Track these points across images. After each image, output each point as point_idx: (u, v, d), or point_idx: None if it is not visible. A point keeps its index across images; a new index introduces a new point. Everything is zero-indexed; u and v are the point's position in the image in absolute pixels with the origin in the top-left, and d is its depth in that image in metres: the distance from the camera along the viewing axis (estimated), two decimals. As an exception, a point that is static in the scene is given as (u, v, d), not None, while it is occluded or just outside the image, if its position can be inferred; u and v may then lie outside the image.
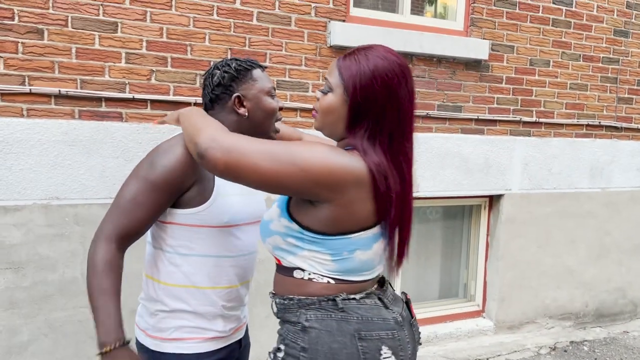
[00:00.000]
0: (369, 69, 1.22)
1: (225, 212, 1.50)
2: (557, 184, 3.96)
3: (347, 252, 1.24)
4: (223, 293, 1.54)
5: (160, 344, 1.51)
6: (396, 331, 1.25)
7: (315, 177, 1.17)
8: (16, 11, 2.43)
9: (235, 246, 1.55)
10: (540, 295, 4.00)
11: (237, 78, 1.53)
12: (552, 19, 3.78)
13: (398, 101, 1.23)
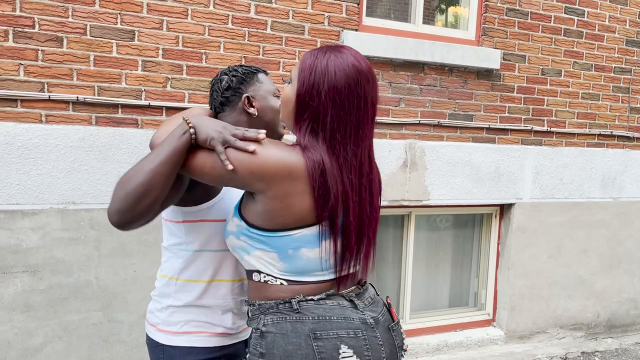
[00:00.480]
0: (321, 66, 1.24)
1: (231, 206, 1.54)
2: (568, 194, 3.95)
3: (291, 250, 1.25)
4: (235, 286, 1.59)
5: (171, 338, 1.56)
6: (361, 331, 1.23)
7: (247, 168, 1.20)
8: (37, 19, 2.49)
9: None
10: (551, 305, 3.98)
11: (245, 81, 1.61)
12: (564, 29, 3.80)
13: (343, 103, 1.23)
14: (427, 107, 3.45)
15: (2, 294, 2.50)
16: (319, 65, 1.24)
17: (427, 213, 3.73)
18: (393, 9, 3.63)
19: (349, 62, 1.24)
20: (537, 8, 3.69)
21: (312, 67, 1.24)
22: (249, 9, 2.90)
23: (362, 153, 1.28)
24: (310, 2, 3.04)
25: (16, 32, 2.46)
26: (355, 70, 1.24)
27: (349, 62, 1.24)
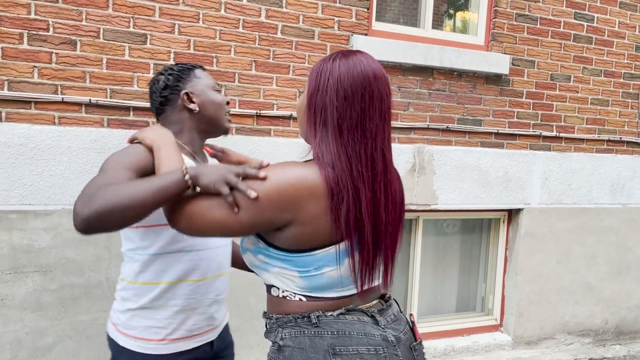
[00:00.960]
0: (327, 68, 1.24)
1: None
2: (577, 199, 3.94)
3: (314, 270, 1.21)
4: (195, 286, 1.58)
5: (128, 341, 1.56)
6: (382, 348, 1.19)
7: (268, 202, 1.14)
8: (51, 23, 2.52)
9: (200, 240, 1.58)
10: (559, 310, 3.97)
11: (182, 78, 1.61)
12: (574, 35, 3.80)
13: (347, 94, 1.21)
14: (436, 111, 3.46)
15: (14, 293, 2.52)
16: (325, 68, 1.25)
17: (434, 217, 3.73)
18: (402, 14, 3.65)
19: (355, 59, 1.24)
20: (547, 14, 3.69)
21: (319, 70, 1.25)
22: (260, 14, 2.93)
23: (372, 147, 1.23)
24: (321, 6, 3.06)
25: (31, 35, 2.49)
26: (360, 64, 1.24)
27: (355, 59, 1.24)
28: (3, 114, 2.47)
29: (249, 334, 3.05)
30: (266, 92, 2.99)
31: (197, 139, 1.64)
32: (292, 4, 2.99)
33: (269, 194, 1.15)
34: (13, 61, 2.47)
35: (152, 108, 1.66)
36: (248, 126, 2.96)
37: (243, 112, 2.93)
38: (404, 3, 3.71)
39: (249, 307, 3.03)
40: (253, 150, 2.96)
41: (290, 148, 3.05)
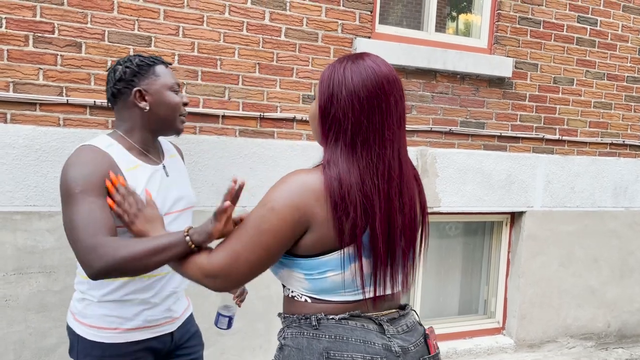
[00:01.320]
0: (339, 75, 1.21)
1: None
2: (580, 202, 3.94)
3: (317, 273, 1.21)
4: (151, 281, 1.60)
5: (85, 330, 1.58)
6: (380, 357, 1.17)
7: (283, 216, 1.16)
8: (56, 25, 2.54)
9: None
10: (561, 313, 3.97)
11: (139, 73, 1.57)
12: (577, 38, 3.80)
13: (363, 106, 1.19)
14: (439, 114, 3.46)
15: (18, 294, 2.54)
16: (336, 74, 1.22)
17: (437, 220, 3.74)
18: (406, 16, 3.66)
19: (366, 66, 1.21)
20: (550, 17, 3.70)
21: (330, 77, 1.23)
22: (264, 16, 2.94)
23: (390, 156, 1.21)
24: (324, 9, 3.07)
25: (36, 37, 2.51)
26: (373, 72, 1.21)
27: (366, 66, 1.21)
28: (8, 116, 2.48)
29: (252, 337, 3.06)
30: (270, 94, 3.00)
31: (149, 138, 1.64)
32: (296, 7, 3.00)
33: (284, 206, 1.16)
34: (18, 63, 2.49)
35: (106, 96, 1.65)
36: (251, 128, 2.97)
37: (246, 115, 2.94)
38: (408, 6, 3.72)
39: (252, 309, 3.04)
40: (256, 152, 2.97)
41: (294, 150, 3.06)
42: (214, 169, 2.89)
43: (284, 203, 1.16)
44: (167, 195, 1.63)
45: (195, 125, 2.84)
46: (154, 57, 1.63)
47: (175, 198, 1.66)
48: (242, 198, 2.94)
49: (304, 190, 1.17)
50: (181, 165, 1.82)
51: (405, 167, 1.25)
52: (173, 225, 1.63)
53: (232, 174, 2.93)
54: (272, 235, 1.17)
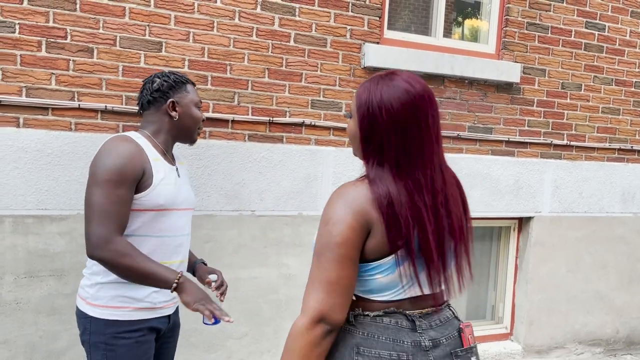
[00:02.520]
0: (376, 98, 1.27)
1: (162, 196, 1.79)
2: (588, 208, 3.93)
3: (367, 275, 1.28)
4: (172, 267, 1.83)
5: (97, 310, 1.77)
6: (407, 354, 1.24)
7: (350, 224, 1.22)
8: (69, 31, 2.57)
9: (172, 227, 1.84)
10: (569, 320, 3.95)
11: (174, 87, 1.88)
12: (585, 44, 3.80)
13: (404, 129, 1.25)
14: (447, 119, 3.47)
15: (29, 297, 2.55)
16: (373, 98, 1.27)
17: (445, 225, 3.73)
18: (414, 22, 3.68)
19: (402, 88, 1.27)
20: (558, 22, 3.70)
21: (368, 102, 1.28)
22: (273, 22, 2.96)
23: (432, 171, 1.28)
24: (333, 15, 3.09)
25: (49, 43, 2.53)
26: (409, 94, 1.26)
27: (402, 88, 1.27)
28: (21, 120, 2.51)
29: (260, 341, 3.06)
30: (279, 99, 3.01)
31: (170, 142, 1.93)
32: (305, 12, 3.02)
33: (349, 223, 1.22)
34: (31, 68, 2.51)
35: (139, 102, 1.91)
36: (260, 133, 2.99)
37: (256, 119, 2.96)
38: (416, 12, 3.74)
39: (259, 314, 3.05)
40: (265, 156, 2.99)
41: (302, 155, 3.07)
42: (223, 173, 2.90)
43: (345, 212, 1.22)
44: (178, 193, 1.87)
45: (205, 130, 2.86)
46: (185, 77, 1.94)
47: (183, 197, 1.91)
48: (251, 202, 2.96)
49: (359, 197, 1.24)
50: (187, 172, 2.10)
51: (447, 177, 1.34)
52: (180, 220, 1.88)
53: (242, 178, 2.95)
54: (349, 244, 1.22)
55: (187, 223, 1.94)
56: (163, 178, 1.81)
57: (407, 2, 3.70)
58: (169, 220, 1.83)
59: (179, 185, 1.89)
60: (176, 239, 1.87)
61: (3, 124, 2.48)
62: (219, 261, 2.93)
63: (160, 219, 1.81)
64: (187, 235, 1.95)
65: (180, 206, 1.87)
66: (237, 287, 2.97)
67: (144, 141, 1.82)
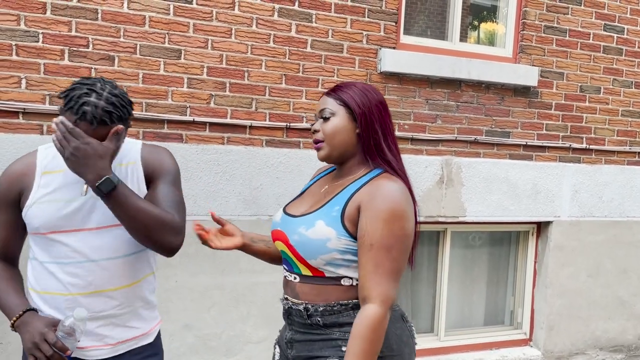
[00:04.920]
0: (359, 90, 1.46)
1: (37, 218, 1.47)
2: (608, 212, 3.89)
3: None
4: (60, 300, 1.48)
5: None
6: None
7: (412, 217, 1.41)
8: (91, 39, 2.62)
9: (61, 252, 1.47)
10: (590, 325, 3.90)
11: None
12: (603, 46, 3.77)
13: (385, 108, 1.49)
14: (464, 123, 3.46)
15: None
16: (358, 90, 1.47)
17: (463, 229, 3.72)
18: (430, 27, 3.68)
19: (370, 85, 1.53)
20: (576, 25, 3.68)
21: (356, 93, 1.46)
22: (290, 29, 2.99)
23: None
24: (350, 21, 3.11)
25: (71, 52, 2.59)
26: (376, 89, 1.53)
27: (370, 85, 1.53)
28: (44, 128, 2.57)
29: (277, 344, 3.08)
30: (296, 105, 3.04)
31: None
32: (321, 19, 3.04)
33: (411, 216, 1.40)
34: (54, 76, 2.57)
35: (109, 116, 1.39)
36: (278, 138, 3.01)
37: (273, 125, 2.99)
38: (432, 16, 3.75)
39: (278, 318, 3.05)
40: (283, 161, 3.01)
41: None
42: (241, 179, 2.93)
43: (409, 207, 1.39)
44: (70, 212, 1.48)
45: (223, 136, 2.89)
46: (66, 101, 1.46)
47: (82, 216, 1.49)
48: (269, 207, 2.99)
49: (407, 192, 1.41)
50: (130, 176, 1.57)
51: None
52: (79, 243, 1.48)
53: (259, 183, 2.97)
54: (411, 237, 1.41)
55: (103, 246, 1.48)
56: (46, 194, 1.48)
57: (423, 6, 3.70)
58: (58, 243, 1.47)
59: (81, 202, 1.48)
60: (70, 267, 1.47)
61: (28, 131, 2.54)
62: (237, 265, 2.96)
63: (48, 243, 1.48)
64: (102, 260, 1.48)
65: (72, 227, 1.47)
66: (256, 292, 2.99)
67: (53, 150, 1.51)
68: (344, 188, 1.45)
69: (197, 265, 2.87)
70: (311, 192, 1.59)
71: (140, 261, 1.58)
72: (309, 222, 1.42)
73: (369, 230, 1.34)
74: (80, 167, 1.36)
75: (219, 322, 2.95)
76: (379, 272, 1.33)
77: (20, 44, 2.50)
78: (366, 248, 1.34)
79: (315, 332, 1.44)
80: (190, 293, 2.88)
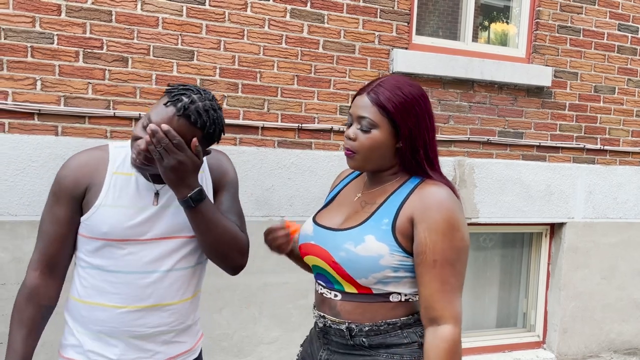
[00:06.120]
0: (409, 98, 1.30)
1: (106, 222, 1.35)
2: (623, 214, 3.85)
3: None
4: (113, 313, 1.38)
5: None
6: None
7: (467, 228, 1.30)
8: (105, 41, 2.64)
9: (126, 262, 1.38)
10: (604, 328, 3.86)
11: None
12: (618, 46, 3.73)
13: (432, 120, 1.36)
14: (477, 124, 3.44)
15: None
16: (408, 98, 1.31)
17: (475, 231, 3.70)
18: (442, 27, 3.67)
19: (416, 84, 1.36)
20: (590, 25, 3.64)
21: (405, 102, 1.30)
22: (302, 29, 2.99)
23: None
24: (362, 21, 3.10)
25: (86, 53, 2.61)
26: (421, 88, 1.37)
27: (416, 84, 1.36)
28: (59, 129, 2.59)
29: (289, 346, 3.08)
30: (307, 106, 3.04)
31: None
32: (333, 19, 3.04)
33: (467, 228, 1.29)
34: (69, 78, 2.59)
35: (210, 121, 1.36)
36: (290, 139, 3.01)
37: (285, 126, 2.99)
38: (443, 17, 3.73)
39: (289, 319, 3.06)
40: (295, 162, 3.01)
41: (331, 160, 3.09)
42: (253, 180, 2.94)
43: (463, 217, 1.29)
44: (141, 221, 1.40)
45: (236, 137, 2.90)
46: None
47: (149, 225, 1.41)
48: (281, 208, 2.99)
49: (459, 201, 1.32)
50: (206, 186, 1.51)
51: None
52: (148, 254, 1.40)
53: (271, 184, 2.97)
54: (469, 245, 1.31)
55: (165, 257, 1.41)
56: (117, 198, 1.37)
57: (435, 7, 3.69)
58: (124, 252, 1.38)
59: (151, 212, 1.40)
60: (132, 277, 1.38)
61: (43, 132, 2.56)
62: (249, 266, 2.95)
63: (112, 251, 1.37)
64: (164, 272, 1.41)
65: (142, 237, 1.38)
66: (268, 292, 2.99)
67: (125, 151, 1.42)
68: (388, 198, 1.32)
69: (208, 266, 2.87)
70: (343, 201, 1.44)
71: (199, 274, 1.52)
72: (357, 237, 1.28)
73: (429, 245, 1.23)
74: (178, 180, 1.30)
75: (230, 323, 2.96)
76: (447, 289, 1.23)
77: (35, 46, 2.53)
78: (429, 265, 1.23)
79: (357, 353, 1.32)
80: (202, 294, 2.88)
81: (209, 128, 1.33)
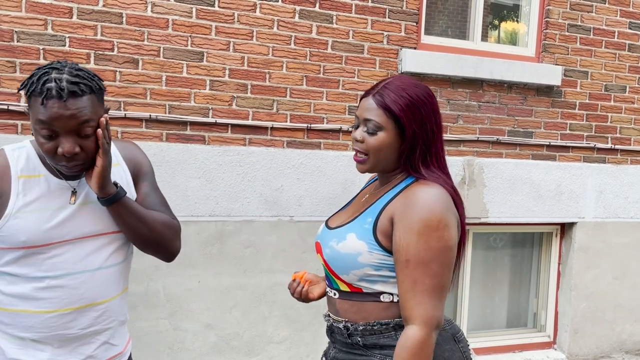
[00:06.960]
0: (415, 99, 1.30)
1: (23, 230, 1.28)
2: (634, 213, 3.82)
3: None
4: (41, 318, 1.32)
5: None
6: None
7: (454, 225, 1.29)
8: (115, 43, 2.67)
9: (50, 266, 1.32)
10: (616, 329, 3.83)
11: (28, 95, 1.26)
12: (628, 45, 3.70)
13: (439, 119, 1.36)
14: (486, 123, 3.43)
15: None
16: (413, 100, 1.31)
17: (485, 231, 3.69)
18: (451, 27, 3.66)
19: (422, 85, 1.36)
20: (600, 24, 3.62)
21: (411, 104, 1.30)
22: (311, 30, 3.00)
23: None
24: (370, 21, 3.11)
25: (97, 55, 2.64)
26: (428, 89, 1.37)
27: (422, 85, 1.36)
28: (71, 130, 2.61)
29: (299, 345, 3.09)
30: (316, 106, 3.05)
31: None
32: (342, 20, 3.05)
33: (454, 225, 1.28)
34: (81, 80, 2.62)
35: (77, 86, 1.25)
36: (299, 139, 3.02)
37: (294, 126, 3.00)
38: (452, 16, 3.73)
39: (299, 318, 3.07)
40: (303, 162, 3.02)
41: (340, 160, 3.09)
42: (262, 180, 2.95)
43: (448, 216, 1.26)
44: (58, 224, 1.33)
45: (245, 137, 2.91)
46: (52, 81, 1.23)
47: (71, 227, 1.35)
48: (290, 208, 3.00)
49: (448, 200, 1.28)
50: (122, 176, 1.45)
51: None
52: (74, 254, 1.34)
53: (280, 184, 2.99)
54: (455, 247, 1.28)
55: (93, 254, 1.36)
56: (29, 203, 1.30)
57: (444, 6, 3.69)
58: (46, 257, 1.31)
59: (70, 211, 1.33)
60: (60, 280, 1.32)
61: (54, 133, 2.59)
62: (258, 266, 2.98)
63: (34, 257, 1.30)
64: (94, 270, 1.36)
65: (64, 238, 1.32)
66: (277, 292, 3.00)
67: (25, 152, 1.34)
68: (379, 198, 1.35)
69: (219, 266, 2.90)
70: (355, 202, 1.49)
71: (126, 270, 1.49)
72: (341, 235, 1.33)
73: (403, 245, 1.23)
74: (109, 177, 1.29)
75: (240, 322, 2.98)
76: (419, 290, 1.22)
77: (47, 48, 2.56)
78: (402, 264, 1.23)
79: (356, 352, 1.35)
80: (212, 293, 2.91)
81: (94, 86, 1.28)
